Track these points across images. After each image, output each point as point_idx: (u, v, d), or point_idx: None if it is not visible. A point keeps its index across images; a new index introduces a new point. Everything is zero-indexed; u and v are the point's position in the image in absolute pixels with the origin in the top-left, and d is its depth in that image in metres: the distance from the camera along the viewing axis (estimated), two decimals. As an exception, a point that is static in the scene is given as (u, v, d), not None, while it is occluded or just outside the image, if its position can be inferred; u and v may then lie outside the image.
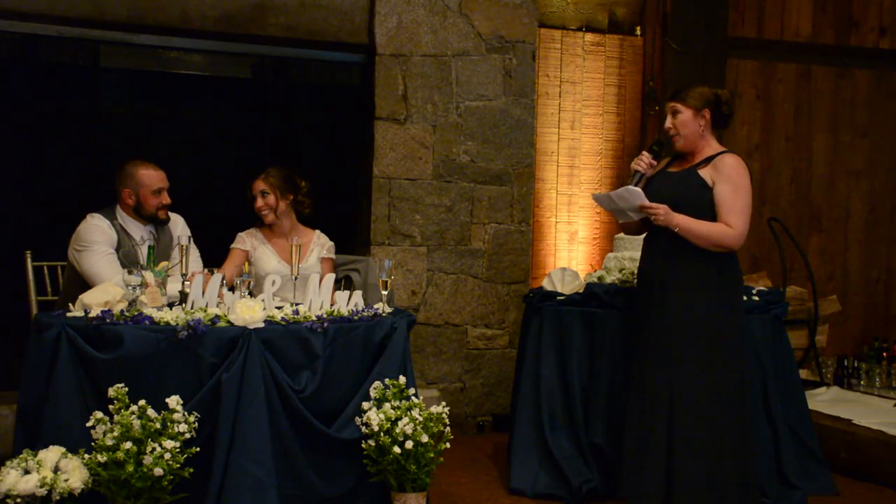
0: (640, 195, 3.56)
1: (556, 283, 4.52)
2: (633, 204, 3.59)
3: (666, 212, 3.54)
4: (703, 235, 3.55)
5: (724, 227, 3.55)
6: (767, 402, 4.18)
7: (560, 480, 4.08)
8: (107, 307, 3.25)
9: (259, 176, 4.18)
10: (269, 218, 4.17)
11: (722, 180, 3.59)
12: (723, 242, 3.55)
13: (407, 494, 3.40)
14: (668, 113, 3.70)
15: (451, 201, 5.34)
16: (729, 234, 3.54)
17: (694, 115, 3.65)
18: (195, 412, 3.10)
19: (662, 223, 3.55)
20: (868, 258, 6.59)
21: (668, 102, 3.73)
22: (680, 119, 3.66)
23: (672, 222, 3.54)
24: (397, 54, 5.23)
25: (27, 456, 2.99)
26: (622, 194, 3.59)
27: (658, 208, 3.54)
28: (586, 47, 5.86)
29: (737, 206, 3.56)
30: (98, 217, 3.91)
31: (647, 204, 3.55)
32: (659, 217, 3.54)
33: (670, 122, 3.68)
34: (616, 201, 3.63)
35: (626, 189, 3.58)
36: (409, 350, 3.63)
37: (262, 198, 4.15)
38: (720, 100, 3.70)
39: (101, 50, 5.04)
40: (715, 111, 3.70)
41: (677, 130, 3.67)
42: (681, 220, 3.54)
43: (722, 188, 3.58)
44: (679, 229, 3.54)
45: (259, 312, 3.27)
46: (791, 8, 6.37)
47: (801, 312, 5.74)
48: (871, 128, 6.56)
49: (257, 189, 4.17)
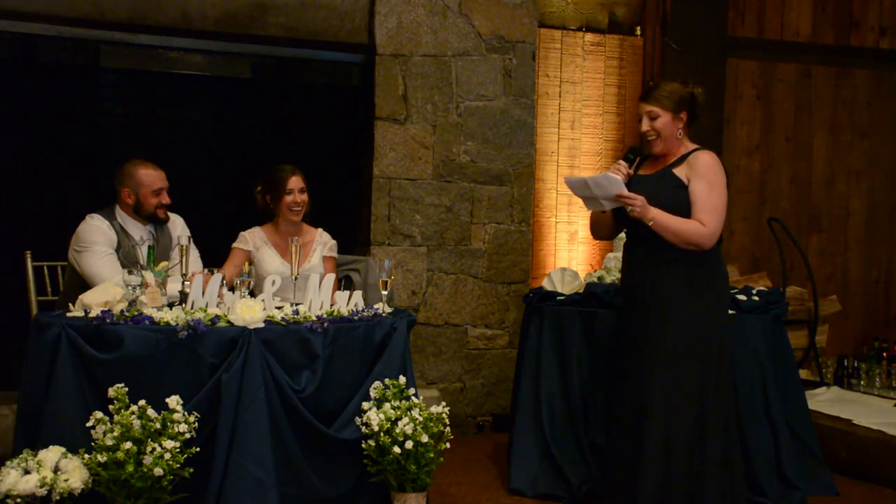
0: (619, 183, 3.44)
1: (556, 283, 4.52)
2: (609, 192, 3.47)
3: (643, 203, 3.44)
4: (676, 230, 3.45)
5: (697, 224, 3.46)
6: (767, 402, 4.18)
7: (560, 480, 4.08)
8: (107, 307, 3.25)
9: (295, 172, 4.16)
10: (298, 217, 4.18)
11: (697, 178, 3.51)
12: (694, 240, 3.46)
13: (407, 494, 3.40)
14: (643, 115, 3.60)
15: (451, 201, 5.34)
16: (701, 231, 3.45)
17: (673, 118, 3.57)
18: (195, 412, 3.10)
19: (638, 215, 3.45)
20: (868, 258, 6.59)
21: (644, 104, 3.61)
22: (660, 123, 3.57)
23: (647, 215, 3.45)
24: (397, 54, 5.23)
25: (27, 456, 2.99)
26: (600, 181, 3.47)
27: (636, 199, 3.44)
28: (586, 47, 5.86)
29: (710, 203, 3.48)
30: (97, 217, 3.91)
31: (625, 193, 3.44)
32: (636, 208, 3.44)
33: (648, 126, 3.58)
34: (591, 188, 3.50)
35: (604, 176, 3.47)
36: (409, 350, 3.63)
37: (301, 194, 4.15)
38: (696, 100, 3.63)
39: (101, 50, 5.04)
40: (690, 112, 3.63)
41: (657, 134, 3.58)
42: (656, 214, 3.45)
43: (697, 185, 3.51)
44: (653, 223, 3.45)
45: (259, 312, 3.27)
46: (791, 8, 6.37)
47: (801, 312, 5.74)
48: (871, 128, 6.56)
49: (296, 185, 4.14)
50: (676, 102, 3.58)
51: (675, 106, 3.58)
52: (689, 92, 3.62)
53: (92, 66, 5.12)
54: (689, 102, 3.61)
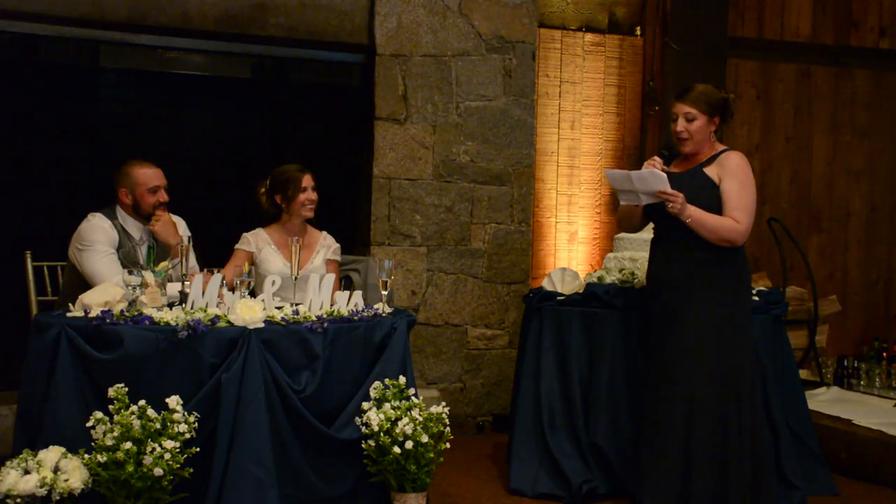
0: (664, 180, 3.54)
1: (556, 284, 4.52)
2: (651, 188, 3.57)
3: (683, 200, 3.55)
4: (713, 228, 3.57)
5: (732, 221, 3.59)
6: (767, 402, 4.17)
7: (560, 480, 4.08)
8: (107, 307, 3.25)
9: (307, 171, 4.18)
10: (312, 213, 4.19)
11: (728, 177, 3.62)
12: (729, 237, 3.58)
13: (407, 494, 3.40)
14: (679, 115, 3.68)
15: (451, 201, 5.34)
16: (736, 228, 3.58)
17: (707, 121, 3.68)
18: (195, 412, 3.10)
19: (677, 212, 3.55)
20: (868, 258, 6.59)
21: (681, 105, 3.69)
22: (696, 126, 3.66)
23: (686, 212, 3.55)
24: (397, 54, 5.23)
25: (27, 456, 2.99)
26: (645, 176, 3.57)
27: (677, 196, 3.54)
28: (586, 47, 5.86)
29: (743, 202, 3.60)
30: (99, 217, 3.90)
31: (668, 190, 3.54)
32: (676, 205, 3.54)
33: (683, 126, 3.67)
34: (634, 182, 3.60)
35: (650, 172, 3.57)
36: (409, 350, 3.63)
37: (313, 192, 4.17)
38: (728, 105, 3.72)
39: (101, 50, 5.03)
40: (722, 116, 3.72)
41: (690, 136, 3.68)
42: (693, 212, 3.57)
43: (729, 184, 3.62)
44: (691, 220, 3.56)
45: (259, 312, 3.27)
46: (791, 8, 6.37)
47: (801, 312, 5.74)
48: (871, 128, 6.56)
49: (309, 183, 4.16)
50: (711, 106, 3.68)
51: (710, 109, 3.68)
52: (723, 97, 3.72)
53: (92, 66, 5.12)
54: (722, 107, 3.71)
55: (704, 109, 3.66)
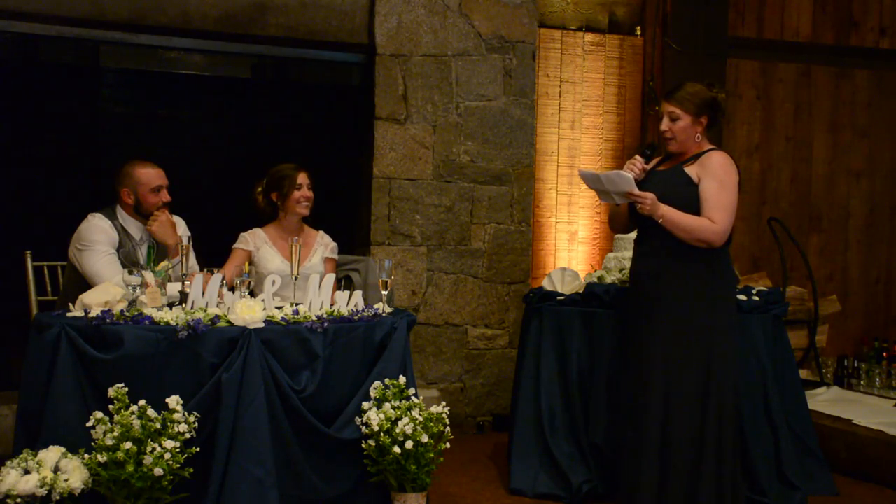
0: (631, 182, 3.51)
1: (556, 283, 4.52)
2: (621, 189, 3.54)
3: (653, 201, 3.51)
4: (686, 228, 3.51)
5: (707, 221, 3.52)
6: (767, 402, 4.18)
7: (560, 480, 4.08)
8: (107, 307, 3.25)
9: (302, 169, 4.18)
10: (307, 211, 4.19)
11: (708, 176, 3.56)
12: (704, 237, 3.51)
13: (407, 494, 3.40)
14: (664, 114, 3.65)
15: (451, 201, 5.34)
16: (712, 228, 3.50)
17: (693, 121, 3.62)
18: (195, 412, 3.10)
19: (648, 212, 3.52)
20: (868, 258, 6.59)
21: (666, 104, 3.66)
22: (679, 125, 3.62)
23: (657, 212, 3.51)
24: (397, 54, 5.23)
25: (27, 456, 2.99)
26: (613, 178, 3.54)
27: (646, 197, 3.51)
28: (586, 47, 5.86)
29: (721, 202, 3.53)
30: (99, 217, 3.91)
31: (635, 192, 3.51)
32: (645, 206, 3.51)
33: (667, 126, 3.63)
34: (604, 182, 3.58)
35: (616, 173, 3.54)
36: (409, 350, 3.63)
37: (308, 189, 4.17)
38: (718, 105, 3.66)
39: (101, 50, 5.04)
40: (711, 116, 3.66)
41: (674, 135, 3.64)
42: (665, 211, 3.52)
43: (708, 184, 3.56)
44: (663, 220, 3.52)
45: (259, 312, 3.27)
46: (791, 8, 6.37)
47: (801, 312, 5.74)
48: (871, 128, 6.56)
49: (304, 180, 4.16)
50: (698, 106, 3.62)
51: (697, 109, 3.62)
52: (712, 96, 3.65)
53: (92, 66, 5.12)
54: (711, 107, 3.65)
55: (689, 109, 3.60)
